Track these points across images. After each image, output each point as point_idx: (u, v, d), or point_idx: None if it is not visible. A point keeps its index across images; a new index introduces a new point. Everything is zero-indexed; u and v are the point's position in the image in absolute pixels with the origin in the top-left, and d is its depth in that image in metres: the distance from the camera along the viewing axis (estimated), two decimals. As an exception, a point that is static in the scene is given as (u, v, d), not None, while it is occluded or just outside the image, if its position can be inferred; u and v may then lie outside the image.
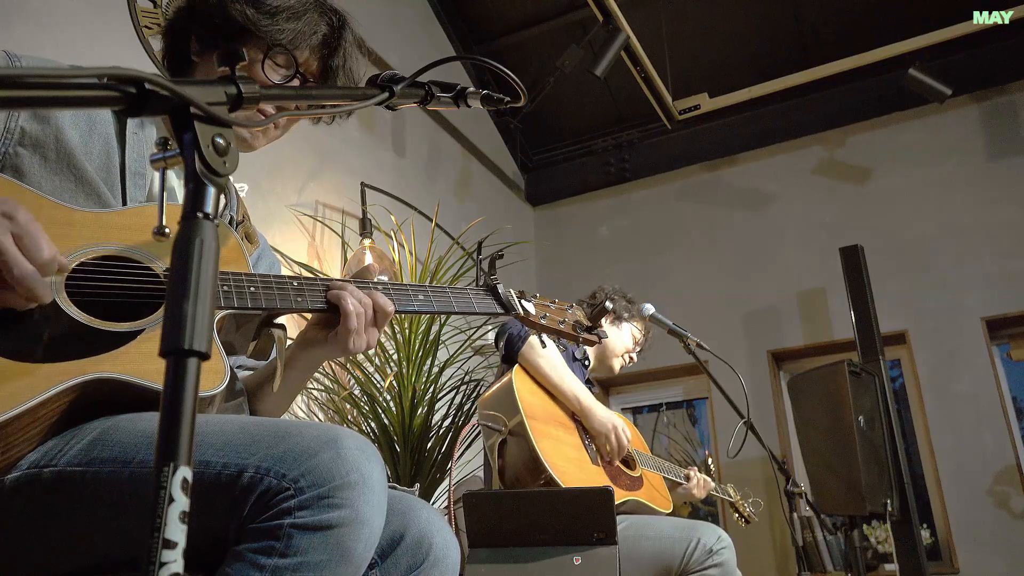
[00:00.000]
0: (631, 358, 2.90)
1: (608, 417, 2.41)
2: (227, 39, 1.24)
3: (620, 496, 2.36)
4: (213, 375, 1.01)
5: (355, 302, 1.17)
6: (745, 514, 3.11)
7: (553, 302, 1.58)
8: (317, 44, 1.27)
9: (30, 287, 0.88)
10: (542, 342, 2.15)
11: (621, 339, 2.84)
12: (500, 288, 1.43)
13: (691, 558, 2.28)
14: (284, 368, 1.22)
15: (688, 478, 2.83)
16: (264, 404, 1.30)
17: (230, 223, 1.35)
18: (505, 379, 2.29)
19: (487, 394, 2.34)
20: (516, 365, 2.34)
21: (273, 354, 1.23)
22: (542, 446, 2.11)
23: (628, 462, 2.53)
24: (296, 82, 1.25)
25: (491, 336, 2.63)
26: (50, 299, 0.93)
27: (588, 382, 2.75)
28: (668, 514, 2.57)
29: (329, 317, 1.20)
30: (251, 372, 1.36)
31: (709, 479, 2.90)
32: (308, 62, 1.27)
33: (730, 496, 3.08)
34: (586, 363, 2.76)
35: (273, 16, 1.22)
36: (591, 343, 1.58)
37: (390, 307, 1.21)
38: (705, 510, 5.04)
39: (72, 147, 1.10)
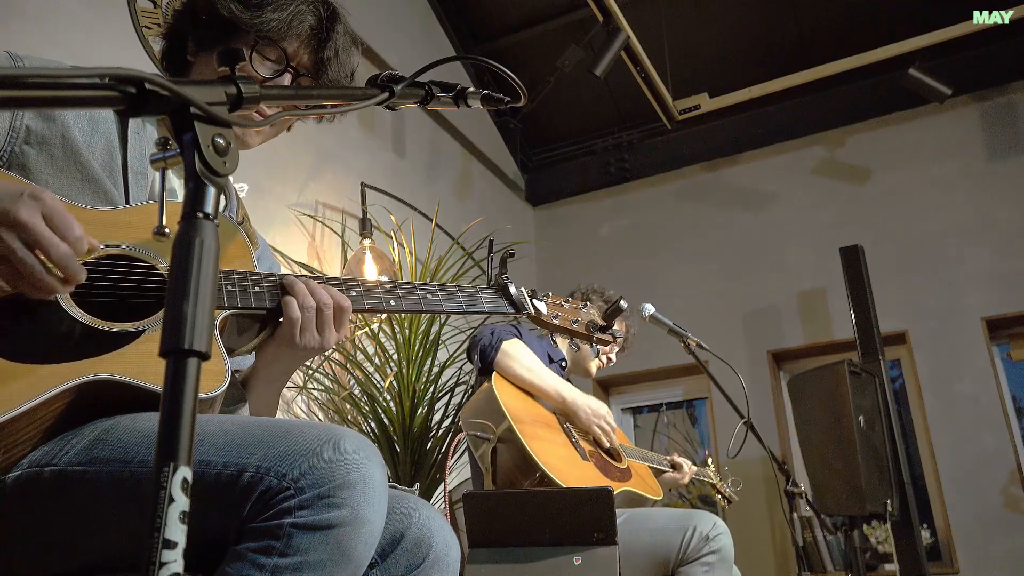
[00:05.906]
0: (609, 359, 2.85)
1: (588, 404, 2.40)
2: (217, 36, 1.24)
3: (615, 488, 2.36)
4: (214, 376, 1.00)
5: (305, 296, 1.14)
6: (727, 494, 3.10)
7: (567, 301, 1.56)
8: (306, 35, 1.25)
9: (67, 266, 0.88)
10: (516, 329, 2.09)
11: None
12: (511, 287, 1.41)
13: (688, 547, 2.29)
14: (252, 379, 1.22)
15: (673, 465, 2.81)
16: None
17: None
18: (484, 388, 2.28)
19: (469, 406, 2.32)
20: (494, 373, 2.33)
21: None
22: (534, 447, 2.12)
23: (614, 455, 2.53)
24: (288, 77, 1.24)
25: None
26: (84, 278, 0.92)
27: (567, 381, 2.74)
28: (663, 504, 2.56)
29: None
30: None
31: (692, 463, 2.88)
32: (298, 54, 1.26)
33: (710, 478, 3.06)
34: (563, 364, 2.73)
35: (259, 8, 1.21)
36: (605, 343, 1.56)
37: (346, 303, 1.17)
38: (707, 510, 5.03)
39: (78, 145, 1.11)
